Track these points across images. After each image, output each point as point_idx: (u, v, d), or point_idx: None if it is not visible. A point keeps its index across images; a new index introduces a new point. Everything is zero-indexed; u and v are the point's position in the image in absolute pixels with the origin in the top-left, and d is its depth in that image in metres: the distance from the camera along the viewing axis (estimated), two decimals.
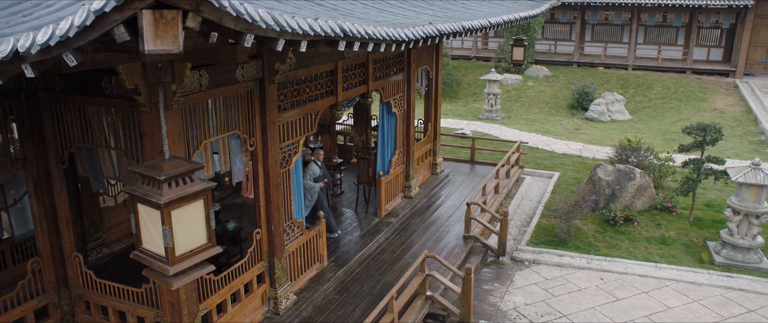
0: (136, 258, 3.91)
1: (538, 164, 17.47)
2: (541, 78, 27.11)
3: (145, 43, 2.78)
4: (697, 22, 27.40)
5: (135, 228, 3.81)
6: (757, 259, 11.13)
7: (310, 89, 8.59)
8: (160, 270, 3.67)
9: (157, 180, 3.61)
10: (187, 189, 3.69)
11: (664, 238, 12.14)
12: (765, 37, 27.31)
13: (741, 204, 10.99)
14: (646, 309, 9.57)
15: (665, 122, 22.40)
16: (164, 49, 2.81)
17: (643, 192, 13.28)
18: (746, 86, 25.23)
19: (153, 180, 3.65)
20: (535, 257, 11.33)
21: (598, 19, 28.81)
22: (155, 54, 2.81)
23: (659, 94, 25.20)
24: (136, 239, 3.85)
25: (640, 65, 28.06)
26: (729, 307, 9.71)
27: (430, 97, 14.08)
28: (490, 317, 9.29)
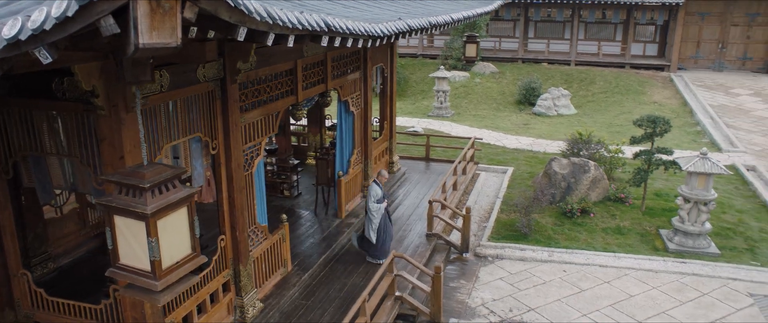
0: (114, 275, 3.58)
1: (491, 160, 17.62)
2: (487, 74, 27.44)
3: (140, 36, 2.50)
4: (633, 19, 28.37)
5: (111, 243, 3.48)
6: (706, 244, 11.54)
7: (271, 89, 8.30)
8: (145, 287, 3.37)
9: (140, 189, 3.31)
10: (171, 197, 3.40)
11: (619, 228, 12.43)
12: (695, 33, 28.56)
13: (691, 192, 11.36)
14: (610, 298, 9.74)
15: (609, 115, 23.06)
16: (161, 42, 2.53)
17: (598, 184, 13.58)
18: (680, 80, 26.29)
19: (135, 189, 3.34)
20: (498, 252, 11.37)
21: (541, 17, 29.42)
22: (150, 48, 2.53)
23: (602, 88, 25.95)
24: (113, 255, 3.53)
25: (582, 61, 28.82)
26: (685, 292, 10.00)
27: (385, 95, 13.96)
28: (460, 315, 9.24)
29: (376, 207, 9.90)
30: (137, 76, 3.10)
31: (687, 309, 9.48)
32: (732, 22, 28.07)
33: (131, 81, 3.10)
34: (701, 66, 28.70)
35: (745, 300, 9.79)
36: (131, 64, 3.04)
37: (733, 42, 28.32)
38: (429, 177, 14.93)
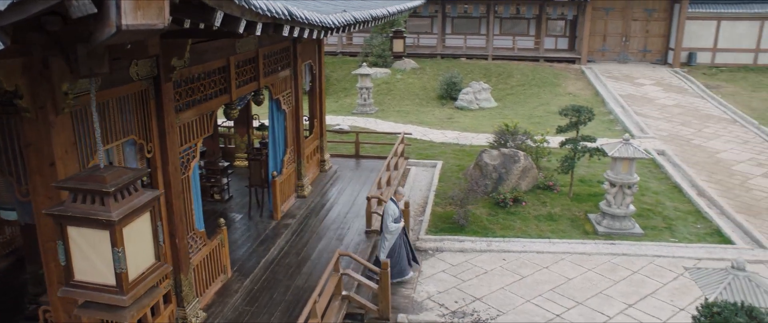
0: (67, 295, 3.19)
1: (419, 154, 17.72)
2: (408, 70, 27.64)
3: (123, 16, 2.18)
4: (545, 14, 29.47)
5: (63, 258, 3.10)
6: (631, 226, 12.11)
7: (205, 87, 7.88)
8: (110, 303, 3.02)
9: (102, 194, 2.95)
10: (135, 201, 3.06)
11: (551, 215, 12.81)
12: (601, 27, 30.05)
13: (616, 176, 11.87)
14: (550, 283, 10.00)
15: (528, 107, 23.81)
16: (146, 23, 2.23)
17: (528, 173, 13.94)
18: (591, 71, 27.58)
19: (96, 194, 2.98)
20: (437, 245, 11.42)
21: (458, 13, 29.97)
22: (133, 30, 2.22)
23: (519, 81, 26.76)
24: (66, 272, 3.14)
25: (499, 55, 29.63)
26: (618, 271, 10.43)
27: (314, 92, 13.68)
28: (408, 310, 9.17)
29: (394, 226, 9.66)
30: (93, 68, 2.76)
31: (621, 288, 9.89)
32: (632, 17, 29.75)
33: (86, 74, 2.75)
34: (608, 58, 30.24)
35: (669, 275, 10.34)
36: (87, 54, 2.68)
37: (634, 35, 30.03)
38: (361, 174, 14.80)
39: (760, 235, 11.85)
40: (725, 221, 12.60)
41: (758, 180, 15.25)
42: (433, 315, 9.02)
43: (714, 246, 11.43)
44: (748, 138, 18.91)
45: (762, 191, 14.50)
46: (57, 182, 3.25)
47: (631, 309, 9.29)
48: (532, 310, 9.16)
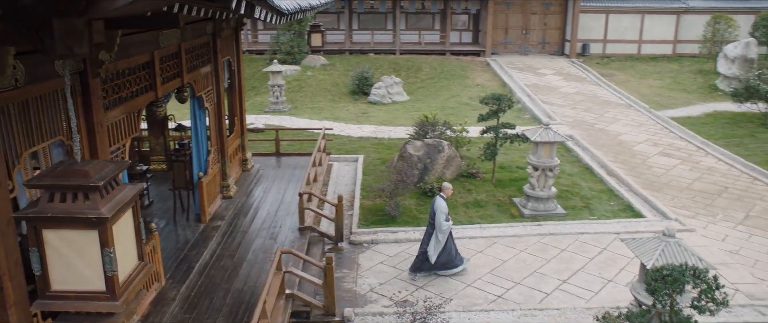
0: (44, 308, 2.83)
1: (339, 149, 17.60)
2: (318, 67, 27.39)
3: None
4: (450, 9, 30.21)
5: (38, 267, 2.74)
6: (554, 207, 12.66)
7: (131, 84, 7.38)
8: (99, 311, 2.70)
9: (88, 189, 2.62)
10: (119, 196, 2.76)
11: (477, 201, 13.13)
12: (503, 21, 31.23)
13: (538, 160, 12.36)
14: (487, 266, 10.24)
15: (440, 99, 24.30)
16: None
17: (452, 162, 14.21)
18: (495, 63, 28.60)
19: (80, 190, 2.64)
20: (372, 237, 11.38)
21: (365, 8, 30.06)
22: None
23: (428, 74, 27.25)
24: (42, 282, 2.77)
25: (407, 49, 30.02)
26: (548, 250, 10.87)
27: (233, 89, 13.20)
28: (352, 303, 9.07)
29: (447, 225, 9.52)
30: (71, 48, 2.44)
31: (553, 265, 10.30)
32: (531, 10, 31.16)
33: (63, 54, 2.43)
34: (510, 50, 31.48)
35: (594, 250, 10.92)
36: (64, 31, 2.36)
37: (533, 28, 31.47)
38: (284, 171, 14.48)
39: (665, 208, 12.76)
40: (634, 197, 13.47)
41: (656, 158, 16.43)
42: (378, 306, 8.97)
43: (628, 221, 12.19)
44: (643, 121, 20.35)
45: (660, 168, 15.64)
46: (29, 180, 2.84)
47: (565, 284, 9.70)
48: (475, 294, 9.35)
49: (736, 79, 22.97)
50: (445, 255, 9.65)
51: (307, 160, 15.20)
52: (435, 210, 9.58)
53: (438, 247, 9.56)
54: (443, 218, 9.51)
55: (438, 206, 9.59)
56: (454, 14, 31.26)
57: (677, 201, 13.35)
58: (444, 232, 9.53)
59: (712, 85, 24.90)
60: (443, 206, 9.58)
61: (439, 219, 9.48)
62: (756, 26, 28.06)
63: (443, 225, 9.50)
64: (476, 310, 8.79)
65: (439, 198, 9.70)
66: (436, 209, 9.56)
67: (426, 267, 9.75)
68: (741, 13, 28.91)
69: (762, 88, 18.77)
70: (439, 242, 9.54)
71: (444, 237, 9.54)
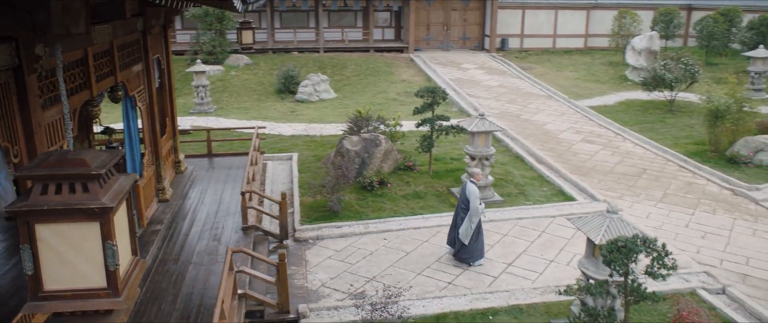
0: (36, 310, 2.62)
1: (271, 148, 17.34)
2: (242, 67, 26.83)
3: None
4: (372, 6, 30.37)
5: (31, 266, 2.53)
6: (491, 194, 13.03)
7: (66, 81, 6.96)
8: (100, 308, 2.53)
9: (87, 178, 2.45)
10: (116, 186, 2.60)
11: (417, 193, 13.31)
12: (425, 17, 31.76)
13: (476, 150, 12.69)
14: (434, 255, 10.41)
15: (367, 95, 24.41)
16: None
17: (389, 155, 14.32)
18: (419, 59, 29.05)
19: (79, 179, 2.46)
20: (316, 233, 11.30)
21: (287, 6, 29.70)
22: None
23: (354, 72, 27.30)
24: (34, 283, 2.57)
25: (330, 47, 29.93)
26: (490, 236, 11.15)
27: (163, 89, 12.71)
28: (305, 299, 8.97)
29: (481, 208, 9.67)
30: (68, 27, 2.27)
31: (497, 250, 10.62)
32: (452, 7, 31.87)
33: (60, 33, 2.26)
34: (432, 46, 32.06)
35: (533, 234, 11.35)
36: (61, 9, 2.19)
37: (454, 24, 32.20)
38: (219, 172, 14.12)
39: (593, 191, 13.44)
40: (564, 182, 14.10)
41: (580, 145, 17.26)
42: (332, 301, 8.92)
43: (562, 204, 12.75)
44: (564, 110, 21.31)
45: (585, 154, 16.45)
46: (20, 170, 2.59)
47: (510, 267, 10.03)
48: (426, 282, 9.49)
49: (643, 69, 24.46)
50: (478, 245, 9.97)
51: (241, 160, 14.92)
52: (468, 195, 9.79)
53: (470, 230, 9.77)
54: (478, 201, 9.81)
55: (471, 191, 9.79)
56: (377, 11, 31.48)
57: (603, 183, 14.10)
58: (478, 215, 9.80)
59: (622, 75, 26.42)
60: (476, 190, 9.84)
61: (474, 203, 9.71)
62: (656, 21, 30.09)
63: (479, 208, 9.79)
64: (429, 298, 8.93)
65: (471, 183, 9.93)
66: (470, 194, 9.77)
67: (463, 251, 10.02)
68: (644, 8, 30.84)
69: (667, 77, 20.11)
70: (472, 225, 9.75)
71: (476, 220, 9.79)
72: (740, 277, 9.87)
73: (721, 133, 15.63)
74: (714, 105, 15.40)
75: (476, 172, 10.39)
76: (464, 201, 9.85)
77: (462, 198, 9.94)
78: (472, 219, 9.74)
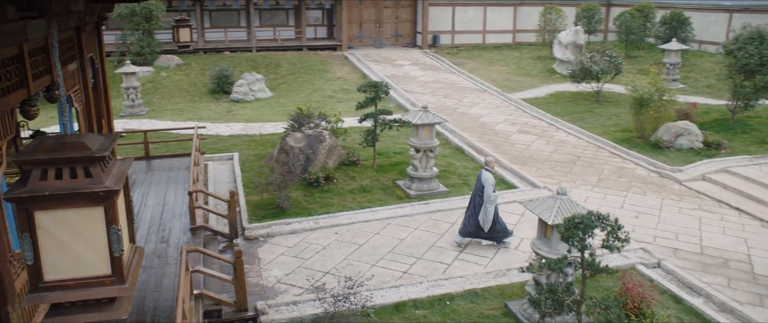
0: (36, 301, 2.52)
1: (210, 149, 17.00)
2: (173, 67, 26.06)
3: None
4: (304, 4, 30.17)
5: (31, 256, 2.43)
6: (436, 186, 13.30)
7: (2, 79, 6.60)
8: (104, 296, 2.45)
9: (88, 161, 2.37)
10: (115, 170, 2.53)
11: (363, 187, 13.40)
12: (357, 15, 31.86)
13: (420, 142, 12.90)
14: (387, 246, 10.54)
15: (304, 94, 24.26)
16: None
17: (334, 151, 14.34)
18: (353, 57, 29.12)
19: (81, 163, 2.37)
20: (267, 231, 11.19)
21: (217, 5, 29.05)
22: None
23: (289, 70, 27.06)
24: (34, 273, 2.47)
25: (263, 46, 29.52)
26: (439, 226, 11.43)
27: (98, 89, 12.21)
28: (263, 296, 8.89)
29: (495, 195, 10.06)
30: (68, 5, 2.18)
31: (448, 238, 10.87)
32: (384, 4, 32.12)
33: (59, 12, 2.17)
34: (365, 44, 32.21)
35: None
36: None
37: (386, 22, 32.47)
38: (159, 174, 13.70)
39: (533, 178, 13.96)
40: (504, 171, 14.55)
41: (517, 136, 17.85)
42: (289, 296, 8.88)
43: (504, 192, 13.15)
44: (498, 103, 21.95)
45: (522, 144, 17.03)
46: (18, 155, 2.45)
47: (462, 254, 10.29)
48: (381, 272, 9.59)
49: (570, 62, 25.55)
50: (500, 226, 10.35)
51: (181, 161, 14.55)
52: (483, 182, 10.14)
53: (488, 217, 10.07)
54: (492, 189, 10.11)
55: (486, 179, 10.14)
56: (309, 9, 31.31)
57: (541, 171, 14.65)
58: (493, 202, 10.09)
59: (550, 68, 27.47)
60: (491, 178, 10.19)
61: (488, 191, 10.03)
62: (579, 16, 31.46)
63: (493, 195, 10.09)
64: (387, 287, 9.05)
65: (486, 172, 10.24)
66: (485, 182, 10.13)
67: (482, 234, 10.35)
68: (567, 5, 32.12)
69: (594, 69, 21.10)
70: (489, 212, 10.05)
71: (492, 207, 10.07)
72: (672, 251, 10.54)
73: (646, 120, 16.58)
74: (639, 93, 16.30)
75: (491, 160, 10.73)
76: (480, 189, 10.27)
77: (477, 186, 10.33)
78: (487, 207, 10.13)
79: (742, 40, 17.06)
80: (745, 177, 13.91)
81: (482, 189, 10.17)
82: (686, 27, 27.04)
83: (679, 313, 8.58)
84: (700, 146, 15.81)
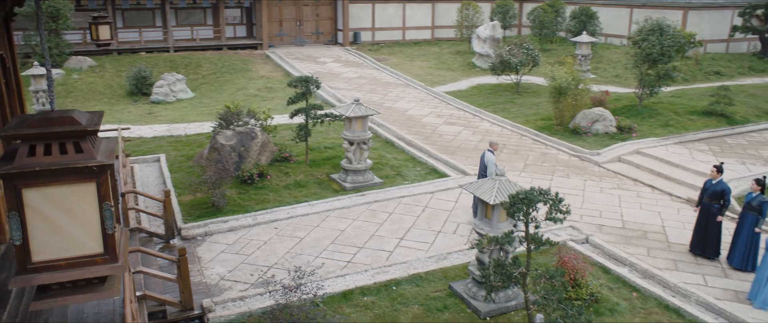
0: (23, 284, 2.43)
1: (134, 151, 16.37)
2: (86, 69, 24.83)
3: None
4: (223, 3, 29.52)
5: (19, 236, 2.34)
6: (371, 177, 13.47)
7: None
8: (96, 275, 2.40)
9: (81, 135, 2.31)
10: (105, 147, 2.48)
11: (298, 182, 13.37)
12: (277, 13, 31.52)
13: (353, 134, 13.03)
14: (329, 238, 10.60)
15: (226, 93, 23.77)
16: None
17: (266, 148, 14.20)
18: (275, 55, 28.81)
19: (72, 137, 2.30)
20: (204, 230, 10.97)
21: (130, 4, 27.91)
22: None
23: (210, 70, 26.42)
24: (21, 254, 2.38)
25: (181, 46, 28.66)
26: (378, 215, 11.61)
27: (11, 90, 11.50)
28: (207, 294, 8.74)
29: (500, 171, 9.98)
30: None
31: (387, 227, 11.06)
32: (304, 2, 31.94)
33: None
34: (286, 42, 31.91)
35: (417, 209, 11.96)
36: None
37: (307, 20, 32.32)
38: None
39: (463, 166, 14.42)
40: (435, 161, 14.94)
41: (443, 127, 18.33)
42: (235, 292, 8.77)
43: (437, 181, 13.53)
44: (423, 97, 22.42)
45: (449, 135, 17.51)
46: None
47: (403, 241, 10.52)
48: (326, 263, 9.64)
49: (489, 56, 26.46)
50: None
51: None
52: (486, 163, 10.78)
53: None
54: (495, 169, 10.28)
55: (489, 159, 10.78)
56: (227, 8, 30.67)
57: (470, 160, 15.14)
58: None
59: (470, 62, 28.30)
60: (493, 158, 10.81)
61: (491, 170, 10.55)
62: (494, 12, 32.59)
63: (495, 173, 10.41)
64: (333, 277, 9.13)
65: (489, 153, 10.88)
66: (488, 161, 10.75)
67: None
68: (483, 1, 33.16)
69: (513, 62, 21.98)
70: None
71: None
72: (598, 228, 11.23)
73: (564, 108, 17.48)
74: (557, 83, 17.16)
75: (495, 142, 11.24)
76: (484, 169, 10.80)
77: (482, 167, 10.97)
78: None
79: (645, 31, 18.31)
80: (654, 157, 14.99)
81: (485, 169, 10.81)
82: (594, 21, 28.65)
83: (608, 282, 9.19)
84: (614, 131, 16.86)
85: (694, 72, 24.94)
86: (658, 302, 8.75)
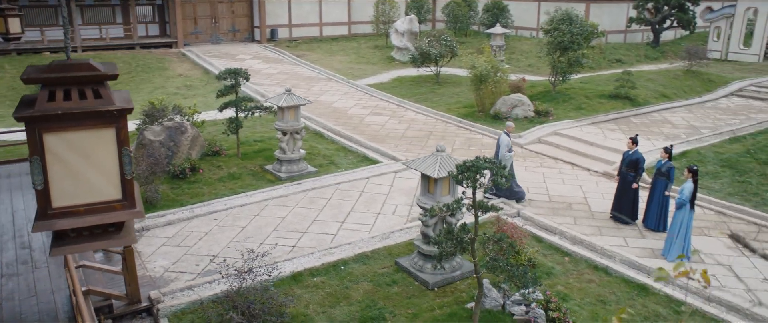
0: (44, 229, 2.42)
1: None
2: None
3: None
4: (133, 0, 28.40)
5: (40, 181, 2.34)
6: (305, 167, 13.56)
7: None
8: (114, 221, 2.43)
9: (100, 80, 2.34)
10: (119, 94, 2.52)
11: (232, 175, 13.25)
12: (191, 11, 30.68)
13: (286, 124, 13.07)
14: (271, 225, 10.63)
15: (144, 93, 22.93)
16: None
17: (196, 142, 13.94)
18: (192, 53, 28.08)
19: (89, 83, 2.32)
20: (140, 225, 10.67)
21: (28, 2, 26.30)
22: None
23: (124, 70, 25.36)
24: (42, 198, 2.37)
25: (90, 46, 27.33)
26: (317, 202, 11.74)
27: None
28: (153, 286, 8.57)
29: (508, 155, 10.96)
30: None
31: (328, 212, 11.22)
32: None
33: None
34: (202, 40, 31.13)
35: (355, 194, 12.19)
36: None
37: (223, 17, 31.67)
38: None
39: (394, 153, 14.79)
40: (366, 149, 15.23)
41: (370, 118, 18.64)
42: (182, 282, 8.66)
43: (371, 167, 13.82)
44: (346, 90, 22.64)
45: (376, 125, 17.84)
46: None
47: (345, 224, 10.71)
48: (271, 249, 9.67)
49: (407, 49, 27.06)
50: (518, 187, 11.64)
51: (20, 167, 13.24)
52: (500, 143, 11.34)
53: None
54: (506, 150, 10.94)
55: (502, 140, 11.31)
56: (138, 5, 29.55)
57: (400, 147, 15.54)
58: (508, 161, 11.12)
59: (389, 56, 28.80)
60: (507, 141, 11.29)
61: (502, 151, 11.11)
62: (409, 7, 33.32)
63: (506, 155, 11.14)
64: (281, 261, 9.19)
65: (504, 135, 11.36)
66: (501, 143, 11.30)
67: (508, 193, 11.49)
68: None
69: (433, 53, 22.64)
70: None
71: (509, 164, 10.91)
72: (527, 202, 11.90)
73: (485, 95, 18.25)
74: (478, 71, 17.89)
75: (510, 125, 11.75)
76: (498, 150, 11.39)
77: (497, 148, 11.49)
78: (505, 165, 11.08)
79: (556, 21, 19.42)
80: (571, 137, 16.00)
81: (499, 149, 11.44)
82: (506, 14, 29.94)
83: (542, 249, 9.81)
84: (532, 115, 17.80)
85: (599, 60, 26.63)
86: (588, 263, 9.46)
